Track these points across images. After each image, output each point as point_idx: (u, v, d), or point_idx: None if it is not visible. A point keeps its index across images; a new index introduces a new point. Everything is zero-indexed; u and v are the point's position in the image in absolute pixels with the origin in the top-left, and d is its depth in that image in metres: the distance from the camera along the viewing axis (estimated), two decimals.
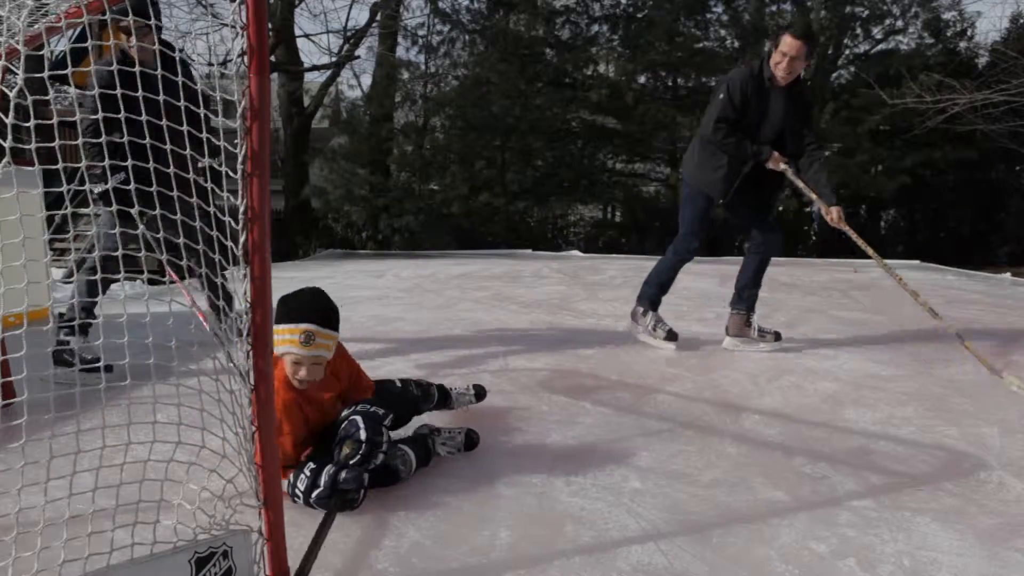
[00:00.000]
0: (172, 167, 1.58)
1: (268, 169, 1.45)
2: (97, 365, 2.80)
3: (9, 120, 1.47)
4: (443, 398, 2.83)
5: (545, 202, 14.92)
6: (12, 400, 1.63)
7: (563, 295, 6.46)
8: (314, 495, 2.06)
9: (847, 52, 15.46)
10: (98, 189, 3.08)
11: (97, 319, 3.41)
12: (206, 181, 1.61)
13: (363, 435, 2.15)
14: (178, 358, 1.55)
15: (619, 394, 3.34)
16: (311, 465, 2.12)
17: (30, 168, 1.75)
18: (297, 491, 2.10)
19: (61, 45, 5.66)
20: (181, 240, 1.61)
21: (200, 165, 1.57)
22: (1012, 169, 15.02)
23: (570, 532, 2.02)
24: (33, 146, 1.47)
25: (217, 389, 1.55)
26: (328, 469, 2.07)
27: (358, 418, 2.20)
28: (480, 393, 3.01)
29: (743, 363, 3.91)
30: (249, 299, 1.46)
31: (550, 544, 1.95)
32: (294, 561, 1.62)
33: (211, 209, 1.56)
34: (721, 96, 3.90)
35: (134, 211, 1.55)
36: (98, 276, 3.12)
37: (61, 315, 3.52)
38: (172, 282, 1.60)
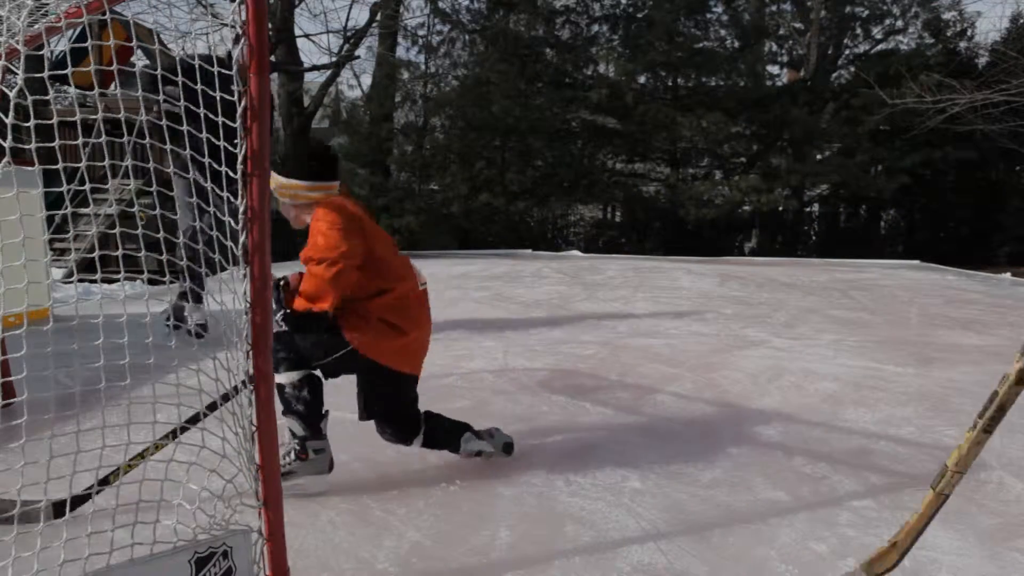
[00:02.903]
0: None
1: (268, 169, 1.45)
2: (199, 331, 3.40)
3: (9, 120, 1.47)
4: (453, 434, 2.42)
5: (545, 202, 14.93)
6: (12, 400, 1.63)
7: (563, 295, 6.46)
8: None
9: (847, 52, 15.48)
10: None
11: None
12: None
13: None
14: (178, 358, 1.55)
15: (619, 394, 3.34)
16: None
17: (30, 168, 1.75)
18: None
19: (61, 45, 5.68)
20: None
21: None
22: (1012, 169, 15.02)
23: (570, 532, 2.02)
24: (33, 146, 1.47)
25: (217, 389, 1.55)
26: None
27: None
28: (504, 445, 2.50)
29: (743, 363, 3.91)
30: (249, 299, 1.46)
31: (550, 544, 1.95)
32: (295, 560, 1.62)
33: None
34: None
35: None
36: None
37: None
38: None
